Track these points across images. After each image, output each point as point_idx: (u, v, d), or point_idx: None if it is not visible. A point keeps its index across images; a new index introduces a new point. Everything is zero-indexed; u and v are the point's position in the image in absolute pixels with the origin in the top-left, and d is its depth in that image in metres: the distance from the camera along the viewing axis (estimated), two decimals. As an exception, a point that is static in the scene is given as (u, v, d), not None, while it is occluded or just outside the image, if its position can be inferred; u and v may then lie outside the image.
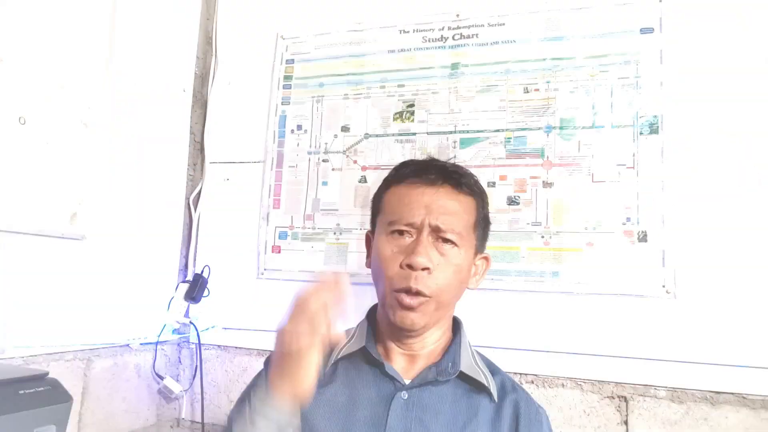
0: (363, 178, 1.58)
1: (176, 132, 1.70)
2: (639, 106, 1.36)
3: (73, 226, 1.30)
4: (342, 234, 1.57)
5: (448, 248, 0.84)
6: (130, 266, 1.50)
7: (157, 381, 1.60)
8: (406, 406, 0.81)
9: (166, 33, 1.65)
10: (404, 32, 1.60)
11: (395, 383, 0.83)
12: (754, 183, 1.27)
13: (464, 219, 0.87)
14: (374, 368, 0.86)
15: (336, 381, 0.86)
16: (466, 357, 0.87)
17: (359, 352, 0.87)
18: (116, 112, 1.44)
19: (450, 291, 0.85)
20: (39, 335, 1.23)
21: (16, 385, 0.88)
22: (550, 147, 1.42)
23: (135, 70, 1.51)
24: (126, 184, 1.49)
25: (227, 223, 1.70)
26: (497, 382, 0.87)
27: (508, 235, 1.42)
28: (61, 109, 1.27)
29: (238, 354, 1.61)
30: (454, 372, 0.84)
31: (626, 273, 1.31)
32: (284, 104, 1.70)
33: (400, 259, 0.83)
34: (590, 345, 1.31)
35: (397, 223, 0.85)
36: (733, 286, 1.24)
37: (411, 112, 1.56)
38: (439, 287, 0.83)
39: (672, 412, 1.24)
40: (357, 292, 1.53)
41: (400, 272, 0.83)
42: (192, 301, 1.60)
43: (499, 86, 1.49)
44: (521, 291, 1.38)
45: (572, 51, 1.43)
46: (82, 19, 1.32)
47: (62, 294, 1.30)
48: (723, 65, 1.31)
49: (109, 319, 1.43)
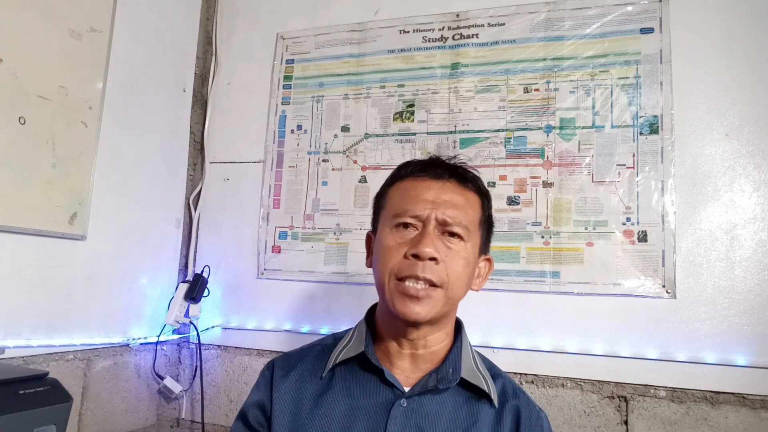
0: (363, 178, 1.58)
1: (176, 132, 1.70)
2: (639, 106, 1.36)
3: (73, 226, 1.30)
4: (342, 234, 1.57)
5: (455, 242, 0.81)
6: (130, 266, 1.51)
7: (157, 381, 1.60)
8: (405, 414, 0.79)
9: (166, 33, 1.65)
10: (404, 32, 1.60)
11: (394, 391, 0.81)
12: (754, 183, 1.27)
13: (470, 214, 0.83)
14: (373, 375, 0.83)
15: (334, 389, 0.83)
16: (467, 362, 0.85)
17: (358, 358, 0.84)
18: (116, 112, 1.44)
19: (459, 284, 0.81)
20: (39, 335, 1.23)
21: (16, 385, 0.89)
22: (550, 147, 1.42)
23: (135, 70, 1.51)
24: (126, 184, 1.49)
25: (227, 223, 1.70)
26: (498, 387, 0.85)
27: (508, 235, 1.42)
28: (61, 109, 1.27)
29: (238, 354, 1.61)
30: (455, 379, 0.81)
31: (626, 273, 1.31)
32: (284, 104, 1.70)
33: (404, 250, 0.79)
34: (590, 345, 1.31)
35: (403, 216, 0.81)
36: (733, 286, 1.24)
37: (411, 112, 1.56)
38: (449, 278, 0.79)
39: (672, 412, 1.24)
40: (357, 292, 1.55)
41: (405, 262, 0.79)
42: (192, 301, 1.60)
43: (499, 86, 1.49)
44: (521, 291, 1.39)
45: (572, 51, 1.43)
46: (82, 19, 1.32)
47: (62, 294, 1.30)
48: (723, 65, 1.31)
49: (109, 319, 1.43)
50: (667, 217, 1.31)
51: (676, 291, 1.27)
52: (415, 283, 0.78)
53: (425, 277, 0.77)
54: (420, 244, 0.78)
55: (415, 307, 0.78)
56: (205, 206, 1.74)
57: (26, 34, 1.19)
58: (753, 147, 1.27)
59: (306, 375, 0.86)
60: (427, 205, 0.81)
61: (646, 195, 1.33)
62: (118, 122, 1.45)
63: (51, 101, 1.24)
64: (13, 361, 1.16)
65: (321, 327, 1.54)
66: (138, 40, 1.52)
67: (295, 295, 1.59)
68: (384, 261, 0.81)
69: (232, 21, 1.81)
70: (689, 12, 1.35)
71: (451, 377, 0.82)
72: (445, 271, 0.79)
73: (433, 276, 0.78)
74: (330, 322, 1.53)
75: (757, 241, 1.25)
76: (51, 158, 1.24)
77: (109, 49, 1.40)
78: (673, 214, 1.30)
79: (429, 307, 0.79)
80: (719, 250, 1.26)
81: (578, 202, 1.38)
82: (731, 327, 1.23)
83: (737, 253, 1.25)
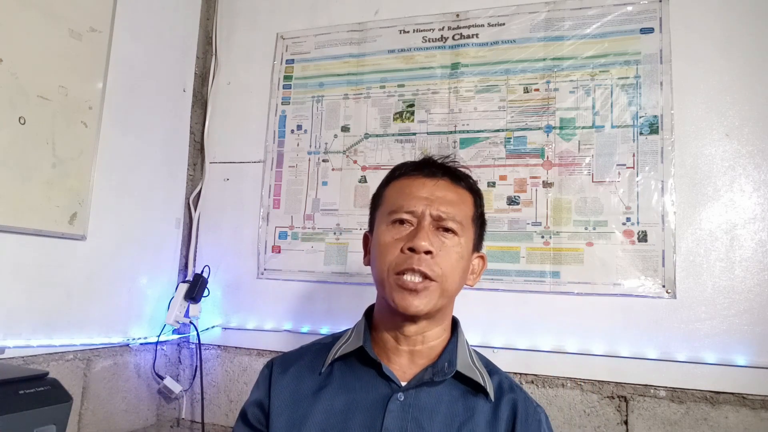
0: (363, 178, 1.58)
1: (176, 132, 1.70)
2: (639, 106, 1.36)
3: (73, 226, 1.30)
4: (342, 234, 1.57)
5: (450, 237, 0.84)
6: (130, 266, 1.50)
7: (157, 381, 1.60)
8: (402, 407, 0.80)
9: (166, 33, 1.65)
10: (404, 32, 1.60)
11: (391, 385, 0.82)
12: (754, 183, 1.27)
13: (463, 210, 0.86)
14: (371, 369, 0.84)
15: (332, 384, 0.85)
16: (462, 356, 0.86)
17: (356, 353, 0.86)
18: (116, 112, 1.44)
19: (454, 277, 0.83)
20: (39, 335, 1.23)
21: (16, 385, 0.89)
22: (550, 147, 1.42)
23: (135, 70, 1.51)
24: (126, 184, 1.49)
25: (227, 223, 1.70)
26: (494, 383, 0.86)
27: (508, 235, 1.42)
28: (61, 109, 1.27)
29: (238, 354, 1.61)
30: (451, 372, 0.83)
31: (626, 273, 1.31)
32: (284, 104, 1.70)
33: (400, 245, 0.82)
34: (590, 345, 1.31)
35: (398, 212, 0.84)
36: (733, 286, 1.24)
37: (411, 112, 1.56)
38: (443, 271, 0.81)
39: (672, 412, 1.24)
40: (357, 292, 1.55)
41: (402, 256, 0.81)
42: (192, 301, 1.60)
43: (499, 86, 1.49)
44: (521, 291, 1.39)
45: (572, 51, 1.43)
46: (82, 19, 1.32)
47: (62, 294, 1.30)
48: (723, 65, 1.31)
49: (109, 319, 1.43)
50: (667, 217, 1.31)
51: (676, 291, 1.27)
52: (412, 276, 0.80)
53: (420, 270, 0.80)
54: (416, 238, 0.81)
55: (414, 300, 0.80)
56: (205, 206, 1.74)
57: (26, 34, 1.19)
58: (753, 147, 1.27)
59: (304, 371, 0.87)
60: (421, 201, 0.84)
61: (646, 195, 1.33)
62: (118, 122, 1.44)
63: (51, 101, 1.24)
64: (13, 361, 1.16)
65: (321, 327, 1.54)
66: (138, 40, 1.52)
67: (295, 295, 1.59)
68: (382, 257, 0.84)
69: (232, 21, 1.81)
70: (689, 12, 1.35)
71: (446, 370, 0.83)
72: (440, 265, 0.81)
73: (428, 269, 0.80)
74: (330, 322, 1.53)
75: (757, 241, 1.25)
76: (51, 158, 1.24)
77: (109, 49, 1.40)
78: (673, 214, 1.30)
79: (426, 299, 0.81)
80: (719, 250, 1.26)
81: (578, 202, 1.38)
82: (731, 327, 1.23)
83: (737, 253, 1.25)
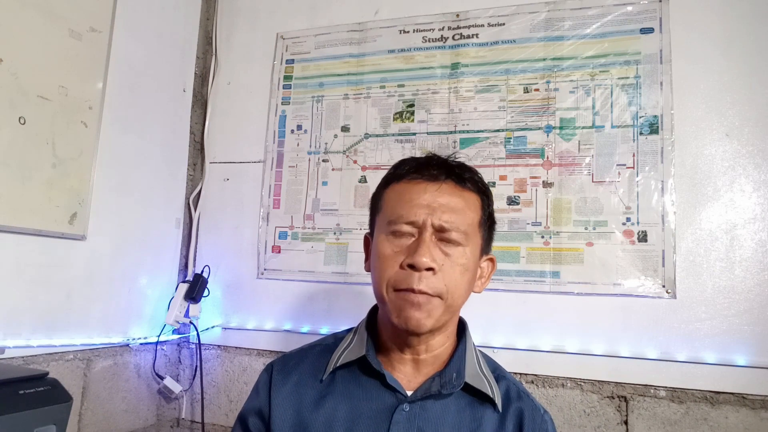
0: (363, 178, 1.58)
1: (176, 132, 1.70)
2: (639, 106, 1.36)
3: (73, 226, 1.30)
4: (342, 234, 1.57)
5: (453, 248, 0.78)
6: (130, 266, 1.50)
7: (157, 381, 1.60)
8: (407, 419, 0.77)
9: (166, 33, 1.65)
10: (404, 32, 1.60)
11: (397, 395, 0.79)
12: (754, 183, 1.27)
13: (469, 217, 0.80)
14: (375, 379, 0.81)
15: (335, 392, 0.82)
16: (471, 365, 0.83)
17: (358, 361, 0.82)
18: (116, 112, 1.43)
19: (458, 292, 0.78)
20: (39, 335, 1.23)
21: (16, 385, 0.89)
22: (550, 147, 1.42)
23: (135, 70, 1.51)
24: (126, 184, 1.49)
25: (227, 223, 1.70)
26: (502, 390, 0.83)
27: (508, 235, 1.42)
28: (61, 109, 1.27)
29: (238, 354, 1.61)
30: (459, 384, 0.79)
31: (626, 273, 1.31)
32: (284, 104, 1.70)
33: (401, 259, 0.77)
34: (590, 345, 1.31)
35: (398, 222, 0.78)
36: (733, 286, 1.24)
37: (411, 112, 1.56)
38: (447, 287, 0.76)
39: (672, 412, 1.23)
40: (357, 292, 1.55)
41: (402, 272, 0.76)
42: (192, 301, 1.60)
43: (499, 86, 1.49)
44: (521, 291, 1.39)
45: (572, 51, 1.43)
46: (82, 19, 1.32)
47: (62, 294, 1.30)
48: (723, 65, 1.31)
49: (109, 319, 1.43)
50: (667, 217, 1.31)
51: (676, 291, 1.27)
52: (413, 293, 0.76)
53: (421, 290, 0.75)
54: (416, 254, 0.75)
55: (416, 314, 0.76)
56: (205, 206, 1.74)
57: (26, 34, 1.19)
58: (753, 147, 1.27)
59: (306, 378, 0.85)
60: (422, 210, 0.78)
61: (646, 195, 1.33)
62: (118, 122, 1.44)
63: (51, 101, 1.24)
64: (13, 361, 1.16)
65: (321, 327, 1.54)
66: (138, 40, 1.52)
67: (295, 295, 1.59)
68: (380, 271, 0.79)
69: (232, 21, 1.81)
70: (689, 12, 1.35)
71: (455, 382, 0.80)
72: (443, 281, 0.76)
73: (430, 288, 0.76)
74: (330, 323, 1.53)
75: (757, 241, 1.25)
76: (51, 158, 1.24)
77: (109, 49, 1.40)
78: (673, 214, 1.30)
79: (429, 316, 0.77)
80: (719, 250, 1.26)
81: (578, 202, 1.38)
82: (731, 327, 1.23)
83: (737, 253, 1.25)
